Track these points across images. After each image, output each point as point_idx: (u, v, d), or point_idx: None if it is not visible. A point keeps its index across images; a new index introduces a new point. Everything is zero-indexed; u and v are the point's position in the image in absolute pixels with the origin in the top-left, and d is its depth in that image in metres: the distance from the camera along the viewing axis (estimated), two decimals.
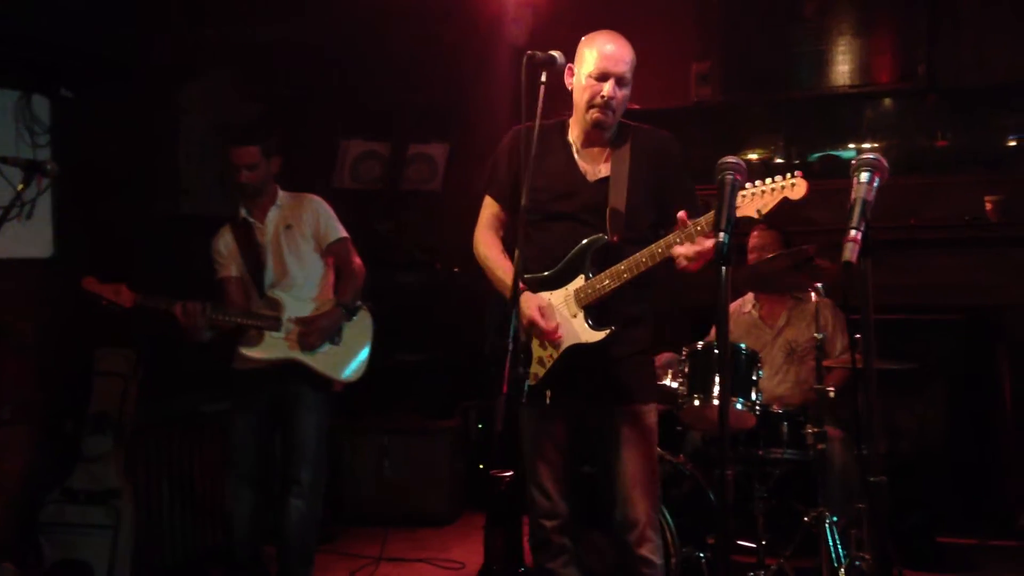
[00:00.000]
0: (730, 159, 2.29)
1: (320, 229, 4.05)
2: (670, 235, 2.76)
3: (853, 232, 2.04)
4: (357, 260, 4.11)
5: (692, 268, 2.76)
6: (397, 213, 6.19)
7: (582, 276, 2.93)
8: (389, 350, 5.80)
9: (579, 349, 2.92)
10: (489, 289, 3.14)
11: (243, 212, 4.03)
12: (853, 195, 2.12)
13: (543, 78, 2.82)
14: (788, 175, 2.57)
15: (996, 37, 5.32)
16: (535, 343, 2.97)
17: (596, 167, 3.04)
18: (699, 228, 2.70)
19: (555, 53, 2.86)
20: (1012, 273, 4.94)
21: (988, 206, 5.05)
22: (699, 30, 5.89)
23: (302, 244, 4.02)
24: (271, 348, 3.88)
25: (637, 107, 5.31)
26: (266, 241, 4.00)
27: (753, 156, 6.02)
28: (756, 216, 2.60)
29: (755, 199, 2.59)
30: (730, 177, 2.25)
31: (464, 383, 5.70)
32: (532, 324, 2.89)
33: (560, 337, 2.91)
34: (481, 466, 5.58)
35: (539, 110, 2.81)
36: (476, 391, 5.67)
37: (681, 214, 2.73)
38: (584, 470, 3.28)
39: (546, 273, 3.00)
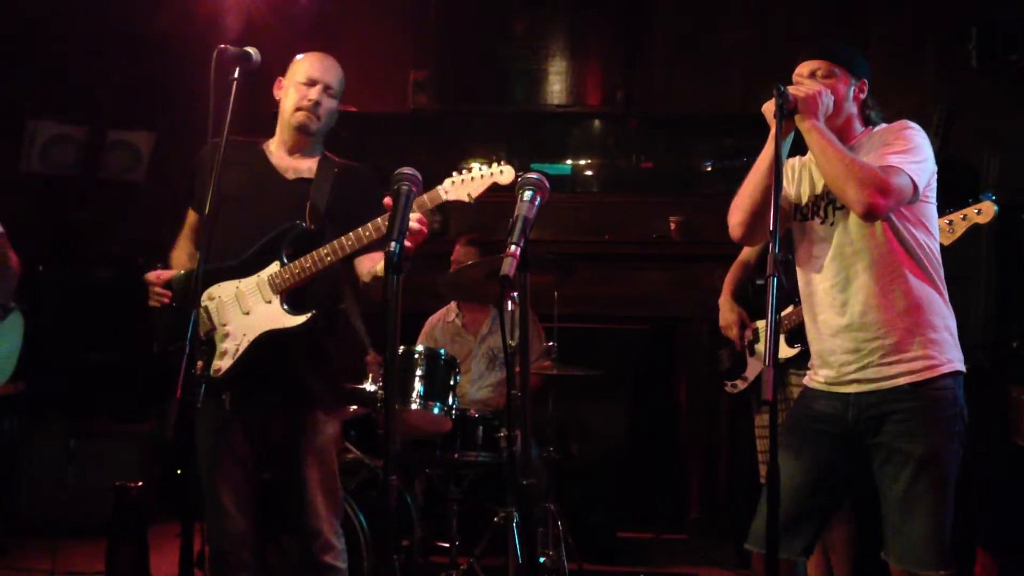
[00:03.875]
0: (406, 170, 2.32)
1: None
2: (378, 218, 2.73)
3: (513, 248, 2.12)
4: (14, 256, 3.78)
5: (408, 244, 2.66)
6: (95, 203, 5.80)
7: (277, 262, 2.85)
8: (81, 349, 5.44)
9: (272, 337, 2.82)
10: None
11: None
12: (516, 212, 2.21)
13: (235, 74, 2.73)
14: (495, 163, 2.73)
15: (684, 70, 5.79)
16: (219, 333, 2.86)
17: (296, 168, 2.99)
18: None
19: (250, 49, 2.78)
20: (688, 287, 5.36)
21: (672, 225, 5.47)
22: (416, 38, 5.96)
23: None
24: None
25: (354, 109, 5.30)
26: None
27: (474, 165, 6.14)
28: (467, 200, 2.73)
29: (465, 184, 2.73)
30: (405, 187, 2.28)
31: (162, 384, 5.40)
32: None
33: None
34: (179, 472, 5.32)
35: (230, 107, 2.72)
36: (173, 393, 5.41)
37: (387, 200, 2.71)
38: (265, 476, 3.21)
39: (233, 262, 2.88)
